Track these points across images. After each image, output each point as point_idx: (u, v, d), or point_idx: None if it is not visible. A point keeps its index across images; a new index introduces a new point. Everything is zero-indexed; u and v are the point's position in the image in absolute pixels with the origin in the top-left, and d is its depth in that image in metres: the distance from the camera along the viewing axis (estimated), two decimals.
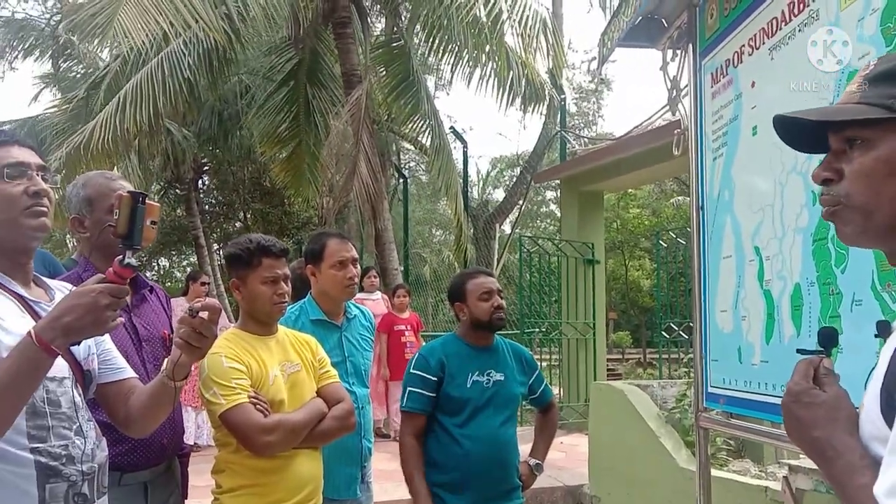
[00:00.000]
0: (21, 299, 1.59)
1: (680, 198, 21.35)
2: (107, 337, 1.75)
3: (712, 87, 2.84)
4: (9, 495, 1.47)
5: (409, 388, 2.85)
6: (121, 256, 1.50)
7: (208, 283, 8.03)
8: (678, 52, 3.16)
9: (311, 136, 10.46)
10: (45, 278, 1.77)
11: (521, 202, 13.73)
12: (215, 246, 18.15)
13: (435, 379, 2.82)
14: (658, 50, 3.27)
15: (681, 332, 7.91)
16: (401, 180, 13.99)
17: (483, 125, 50.06)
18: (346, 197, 8.91)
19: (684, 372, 6.23)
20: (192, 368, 1.75)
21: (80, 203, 2.21)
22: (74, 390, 1.62)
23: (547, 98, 10.15)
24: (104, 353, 1.78)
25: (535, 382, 3.07)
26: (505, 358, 2.96)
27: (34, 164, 1.62)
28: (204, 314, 1.60)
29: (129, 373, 1.82)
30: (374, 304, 7.53)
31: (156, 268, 23.10)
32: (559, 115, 10.60)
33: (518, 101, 9.92)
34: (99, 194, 2.21)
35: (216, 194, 18.68)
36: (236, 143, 13.79)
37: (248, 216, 17.60)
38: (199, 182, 17.17)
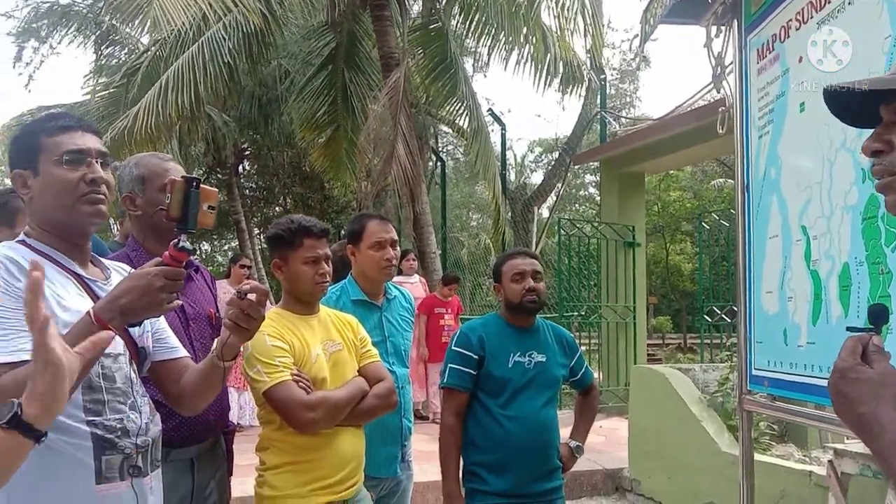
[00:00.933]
0: (79, 278, 1.64)
1: (721, 180, 20.97)
2: (161, 317, 1.79)
3: (758, 63, 2.78)
4: (68, 465, 1.53)
5: (449, 365, 2.86)
6: (176, 240, 1.54)
7: (250, 266, 8.16)
8: (722, 28, 3.10)
9: (349, 120, 10.49)
10: (102, 258, 1.81)
11: (559, 185, 13.62)
12: (256, 230, 18.37)
13: (476, 357, 2.82)
14: (702, 26, 3.20)
15: (723, 316, 7.79)
16: (438, 163, 13.98)
17: (521, 108, 49.70)
18: (383, 181, 8.94)
19: (727, 356, 6.14)
20: (241, 349, 1.79)
21: (133, 182, 2.26)
22: (129, 367, 1.67)
23: (586, 79, 10.04)
24: (158, 332, 1.83)
25: (577, 365, 3.05)
26: (546, 340, 2.95)
27: (94, 151, 1.65)
28: (252, 296, 1.62)
29: (182, 352, 1.86)
30: (412, 286, 7.57)
31: (198, 252, 23.47)
32: (599, 96, 10.47)
33: (556, 82, 9.82)
34: (151, 173, 2.26)
35: (257, 179, 18.88)
36: (276, 128, 13.88)
37: (289, 200, 17.76)
38: (240, 167, 17.35)
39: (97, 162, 1.64)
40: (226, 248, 23.26)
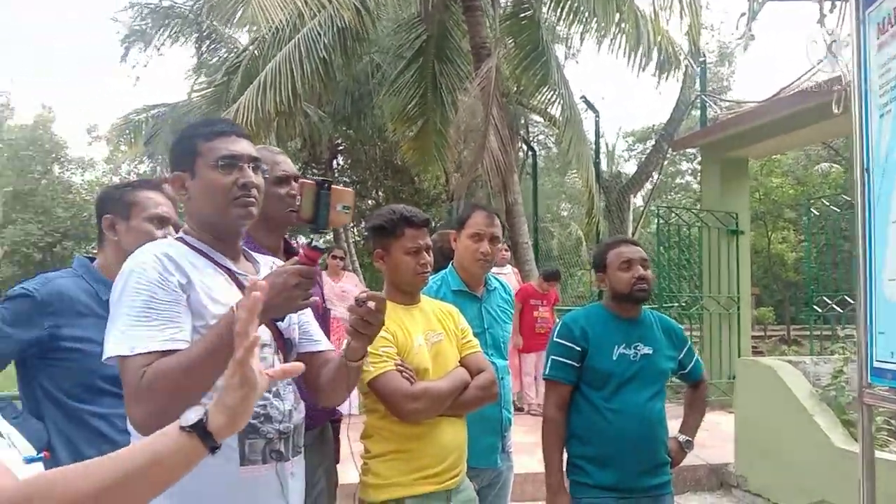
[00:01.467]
0: (230, 273, 1.73)
1: (826, 164, 19.91)
2: (308, 310, 1.85)
3: (878, 38, 2.60)
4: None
5: (552, 357, 2.82)
6: (309, 240, 1.59)
7: (343, 258, 8.32)
8: (836, 3, 2.92)
9: (438, 113, 10.50)
10: (254, 253, 1.90)
11: (656, 172, 13.24)
12: (350, 223, 18.69)
13: (579, 349, 2.77)
14: (815, 2, 3.03)
15: (834, 306, 7.39)
16: (529, 153, 13.85)
17: (614, 96, 48.66)
18: (474, 172, 8.92)
19: (840, 348, 5.83)
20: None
21: None
22: (275, 356, 1.74)
23: (682, 63, 9.71)
24: (304, 324, 1.90)
25: (686, 357, 2.96)
26: (653, 331, 2.87)
27: (247, 156, 1.73)
28: (371, 304, 1.66)
29: (325, 345, 1.92)
30: (505, 277, 7.54)
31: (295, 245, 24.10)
32: (699, 79, 10.11)
33: (652, 66, 9.55)
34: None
35: (350, 173, 19.22)
36: (368, 122, 14.08)
37: (381, 194, 18.01)
38: (334, 162, 17.71)
39: (249, 166, 1.72)
40: (321, 240, 23.79)
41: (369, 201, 18.99)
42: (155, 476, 1.01)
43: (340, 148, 17.40)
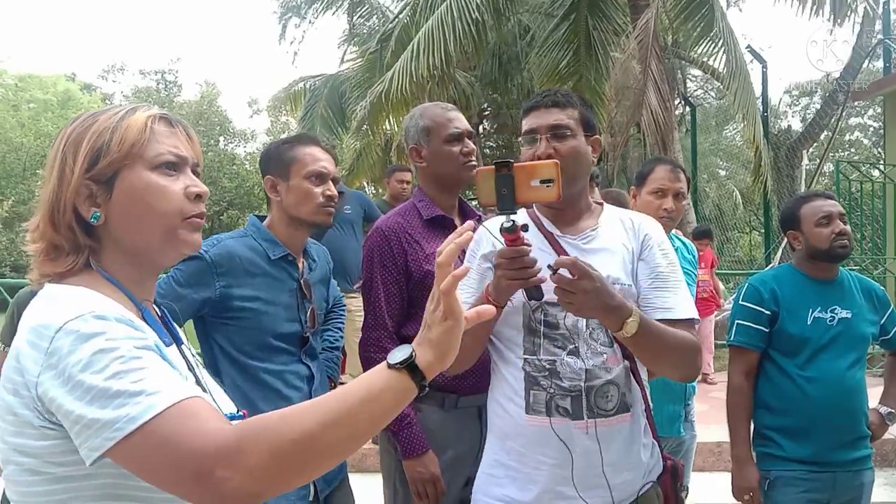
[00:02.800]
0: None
1: None
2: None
3: None
4: (509, 392, 1.80)
5: (737, 322, 2.64)
6: (501, 224, 1.53)
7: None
8: None
9: (592, 70, 10.15)
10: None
11: (834, 124, 12.17)
12: None
13: (768, 312, 2.58)
14: None
15: None
16: (687, 109, 13.18)
17: (782, 44, 45.35)
18: (627, 132, 8.57)
19: None
20: None
21: (419, 133, 2.31)
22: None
23: (859, 6, 8.81)
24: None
25: (889, 322, 2.69)
26: (852, 293, 2.62)
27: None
28: (562, 271, 1.56)
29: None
30: None
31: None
32: (882, 22, 9.17)
33: (826, 9, 8.73)
34: (436, 124, 2.29)
35: (495, 138, 19.16)
36: (516, 85, 13.91)
37: None
38: (479, 128, 17.71)
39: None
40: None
41: None
42: (371, 413, 0.98)
43: (486, 113, 17.35)
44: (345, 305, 2.85)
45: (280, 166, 2.20)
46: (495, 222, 1.72)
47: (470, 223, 1.14)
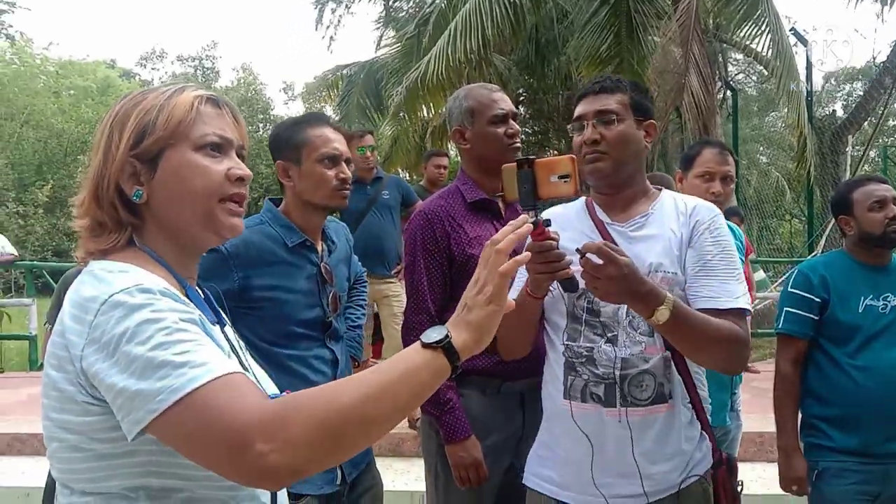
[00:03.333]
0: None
1: None
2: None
3: None
4: (552, 376, 1.88)
5: (786, 309, 2.58)
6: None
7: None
8: None
9: (633, 53, 9.99)
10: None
11: (880, 109, 11.82)
12: None
13: (818, 300, 2.52)
14: None
15: None
16: (728, 93, 12.91)
17: (826, 27, 44.14)
18: (667, 118, 8.41)
19: None
20: None
21: (462, 114, 2.28)
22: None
23: None
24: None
25: None
26: None
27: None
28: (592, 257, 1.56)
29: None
30: None
31: None
32: None
33: None
34: (480, 105, 2.26)
35: (531, 123, 19.01)
36: (553, 69, 13.76)
37: (563, 143, 17.68)
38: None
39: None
40: (533, 215, 24.00)
41: (552, 152, 18.71)
42: (411, 387, 0.98)
43: (522, 98, 17.21)
44: (366, 282, 2.82)
45: (291, 150, 2.14)
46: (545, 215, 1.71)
47: (524, 217, 1.15)
